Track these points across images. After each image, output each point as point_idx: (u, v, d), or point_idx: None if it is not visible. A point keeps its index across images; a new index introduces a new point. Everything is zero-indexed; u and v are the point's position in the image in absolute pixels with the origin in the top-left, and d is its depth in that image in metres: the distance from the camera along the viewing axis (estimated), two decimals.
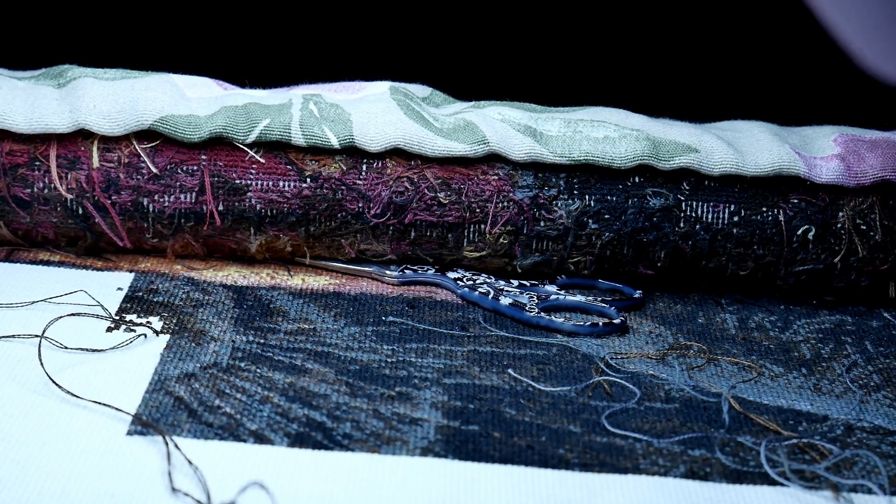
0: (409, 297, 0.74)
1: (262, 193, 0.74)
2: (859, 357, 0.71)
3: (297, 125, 0.73)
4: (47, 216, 0.74)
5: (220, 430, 0.60)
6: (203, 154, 0.74)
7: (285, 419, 0.61)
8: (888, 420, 0.65)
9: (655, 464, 0.60)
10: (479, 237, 0.75)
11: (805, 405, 0.66)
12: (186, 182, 0.74)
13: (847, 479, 0.59)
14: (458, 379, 0.66)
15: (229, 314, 0.71)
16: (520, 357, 0.69)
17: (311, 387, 0.64)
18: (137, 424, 0.60)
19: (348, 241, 0.75)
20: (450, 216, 0.74)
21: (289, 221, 0.74)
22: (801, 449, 0.62)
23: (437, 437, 0.61)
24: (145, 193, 0.74)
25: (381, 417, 0.62)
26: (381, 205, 0.74)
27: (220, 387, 0.64)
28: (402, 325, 0.71)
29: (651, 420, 0.64)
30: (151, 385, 0.63)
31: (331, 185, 0.74)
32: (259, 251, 0.76)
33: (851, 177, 0.75)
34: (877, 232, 0.75)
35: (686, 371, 0.68)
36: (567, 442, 0.61)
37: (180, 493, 0.55)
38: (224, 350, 0.67)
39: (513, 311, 0.72)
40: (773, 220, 0.75)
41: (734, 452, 0.61)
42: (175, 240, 0.75)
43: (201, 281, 0.74)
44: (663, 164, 0.74)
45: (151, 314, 0.70)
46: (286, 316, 0.71)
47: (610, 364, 0.68)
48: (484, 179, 0.74)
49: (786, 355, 0.71)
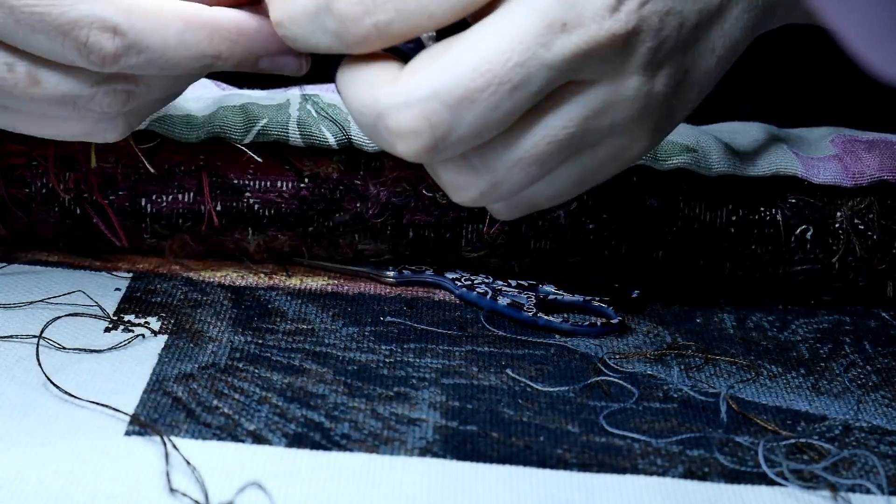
0: (408, 297, 0.74)
1: (259, 193, 0.74)
2: (857, 357, 0.71)
3: (295, 125, 0.73)
4: (45, 216, 0.74)
5: (218, 430, 0.60)
6: (201, 154, 0.74)
7: (283, 419, 0.61)
8: (886, 420, 0.65)
9: (654, 464, 0.60)
10: (477, 237, 0.75)
11: (803, 405, 0.66)
12: (184, 182, 0.74)
13: (845, 479, 0.59)
14: (457, 379, 0.66)
15: (227, 314, 0.71)
16: (518, 357, 0.69)
17: (310, 387, 0.64)
18: (135, 425, 0.60)
19: (346, 242, 0.75)
20: (448, 216, 0.74)
21: (287, 221, 0.74)
22: (799, 449, 0.62)
23: (436, 437, 0.61)
24: (143, 193, 0.74)
25: (379, 417, 0.62)
26: (379, 205, 0.74)
27: (218, 387, 0.64)
28: (401, 326, 0.71)
29: (649, 420, 0.64)
30: (149, 385, 0.63)
31: (329, 185, 0.74)
32: (257, 251, 0.76)
33: (849, 177, 0.75)
34: (874, 232, 0.75)
35: (684, 371, 0.68)
36: (565, 442, 0.61)
37: (178, 493, 0.55)
38: (222, 350, 0.67)
39: (511, 311, 0.72)
40: (771, 220, 0.75)
41: (732, 452, 0.61)
42: (173, 240, 0.75)
43: (199, 281, 0.74)
44: (661, 164, 0.74)
45: (149, 314, 0.70)
46: (284, 316, 0.71)
47: (608, 364, 0.68)
48: None
49: (784, 355, 0.71)
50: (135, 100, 0.63)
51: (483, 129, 0.57)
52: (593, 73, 0.58)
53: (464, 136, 0.56)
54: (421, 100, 0.56)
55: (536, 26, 0.56)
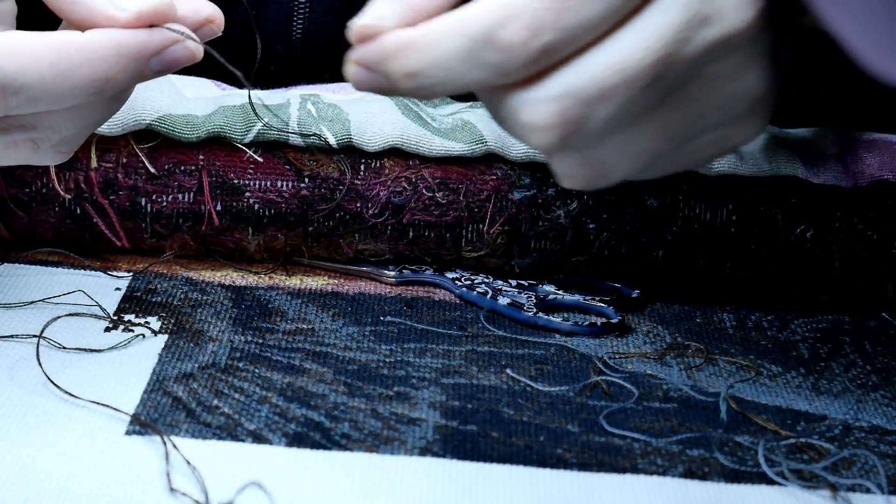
0: (408, 296, 0.74)
1: (260, 193, 0.74)
2: (857, 357, 0.71)
3: (295, 125, 0.73)
4: (45, 216, 0.74)
5: (219, 429, 0.60)
6: (201, 154, 0.74)
7: (283, 419, 0.61)
8: (886, 419, 0.65)
9: (654, 463, 0.60)
10: (477, 237, 0.75)
11: (803, 405, 0.66)
12: (184, 182, 0.74)
13: (845, 479, 0.59)
14: (457, 379, 0.66)
15: (227, 314, 0.71)
16: (518, 357, 0.69)
17: (310, 387, 0.64)
18: (136, 424, 0.60)
19: (346, 241, 0.75)
20: (448, 216, 0.74)
21: (287, 221, 0.74)
22: (799, 448, 0.62)
23: (436, 437, 0.61)
24: (143, 193, 0.74)
25: (379, 417, 0.62)
26: (380, 205, 0.74)
27: (218, 387, 0.64)
28: (401, 325, 0.71)
29: (649, 420, 0.64)
30: (150, 385, 0.63)
31: (329, 184, 0.74)
32: (257, 251, 0.76)
33: (849, 177, 0.75)
34: (874, 232, 0.75)
35: (684, 371, 0.68)
36: (565, 441, 0.61)
37: (178, 493, 0.55)
38: (222, 350, 0.67)
39: (511, 311, 0.72)
40: (771, 220, 0.75)
41: (732, 452, 0.61)
42: (173, 240, 0.75)
43: (199, 281, 0.74)
44: None
45: (150, 314, 0.70)
46: (284, 316, 0.71)
47: (608, 364, 0.68)
48: (482, 179, 0.74)
49: (784, 355, 0.71)
50: (46, 142, 0.61)
51: (614, 126, 0.55)
52: (725, 65, 0.56)
53: (593, 132, 0.55)
54: (556, 97, 0.54)
55: (677, 21, 0.54)
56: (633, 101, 0.55)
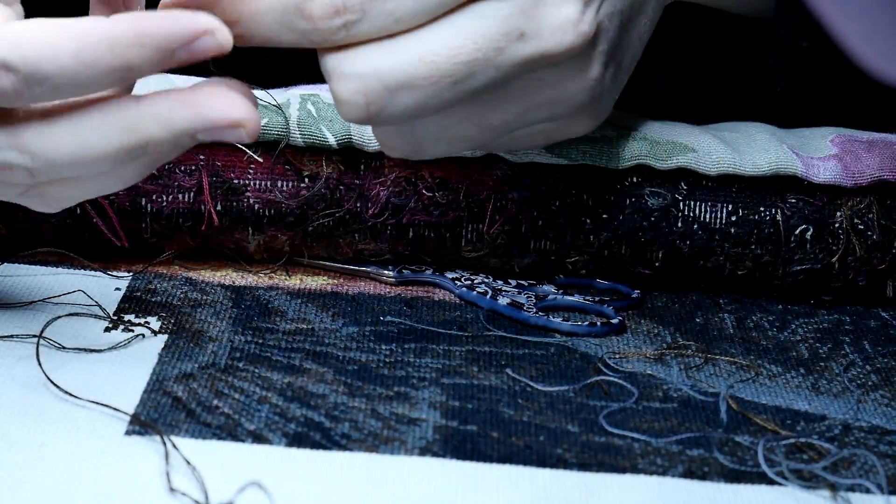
0: (408, 296, 0.74)
1: (260, 193, 0.74)
2: (857, 356, 0.71)
3: (295, 125, 0.73)
4: (45, 216, 0.74)
5: (218, 429, 0.60)
6: (201, 154, 0.74)
7: (283, 419, 0.61)
8: (886, 419, 0.65)
9: (653, 463, 0.60)
10: (477, 237, 0.75)
11: (803, 405, 0.66)
12: (184, 182, 0.74)
13: (845, 479, 0.59)
14: (457, 379, 0.66)
15: (227, 314, 0.71)
16: (518, 357, 0.69)
17: (310, 387, 0.64)
18: (135, 424, 0.60)
19: (346, 241, 0.75)
20: (448, 216, 0.74)
21: (287, 221, 0.74)
22: (798, 448, 0.62)
23: (436, 437, 0.61)
24: (143, 193, 0.74)
25: (379, 417, 0.62)
26: (379, 205, 0.74)
27: (218, 387, 0.64)
28: (401, 325, 0.71)
29: (649, 420, 0.64)
30: (149, 385, 0.63)
31: (329, 184, 0.74)
32: (257, 251, 0.76)
33: (849, 177, 0.75)
34: (874, 231, 0.75)
35: (684, 370, 0.68)
36: (565, 441, 0.61)
37: (178, 492, 0.55)
38: (222, 350, 0.67)
39: (511, 311, 0.72)
40: (771, 220, 0.75)
41: (732, 452, 0.61)
42: (173, 240, 0.75)
43: (199, 281, 0.74)
44: (661, 163, 0.74)
45: (149, 314, 0.70)
46: (284, 316, 0.71)
47: (608, 364, 0.68)
48: (482, 179, 0.74)
49: (784, 355, 0.71)
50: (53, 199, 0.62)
51: (418, 112, 0.59)
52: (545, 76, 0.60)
53: (396, 116, 0.59)
54: (361, 75, 0.58)
55: (493, 31, 0.58)
56: (440, 95, 0.58)
